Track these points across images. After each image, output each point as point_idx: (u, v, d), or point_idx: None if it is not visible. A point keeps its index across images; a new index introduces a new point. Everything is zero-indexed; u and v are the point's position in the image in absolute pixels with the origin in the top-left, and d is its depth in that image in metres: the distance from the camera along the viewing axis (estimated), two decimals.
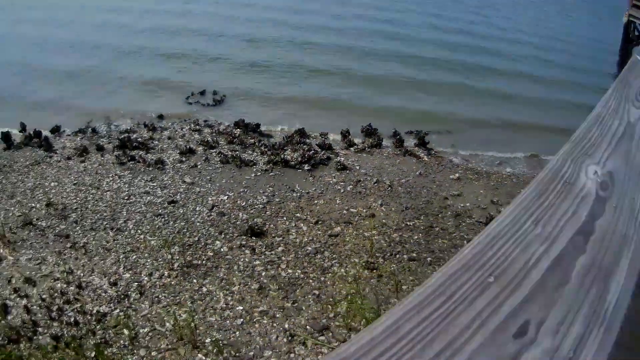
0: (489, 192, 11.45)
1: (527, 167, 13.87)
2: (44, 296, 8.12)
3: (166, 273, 8.68)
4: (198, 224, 10.09)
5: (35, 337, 7.35)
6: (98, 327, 7.55)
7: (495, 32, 31.87)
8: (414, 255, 9.06)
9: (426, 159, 12.87)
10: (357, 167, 12.36)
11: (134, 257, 9.12)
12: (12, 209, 10.56)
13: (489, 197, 11.24)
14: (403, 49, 24.04)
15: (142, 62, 21.29)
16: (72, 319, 7.66)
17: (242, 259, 9.08)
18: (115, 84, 18.69)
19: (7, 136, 13.99)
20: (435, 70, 21.71)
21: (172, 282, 8.48)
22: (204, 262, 9.00)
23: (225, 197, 11.01)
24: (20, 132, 14.82)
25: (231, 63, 21.62)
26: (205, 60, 21.83)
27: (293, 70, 20.86)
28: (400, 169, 12.24)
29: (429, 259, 9.01)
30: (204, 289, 8.34)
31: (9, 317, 7.72)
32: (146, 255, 9.16)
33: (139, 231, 9.85)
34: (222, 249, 9.35)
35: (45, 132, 14.57)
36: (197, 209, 10.59)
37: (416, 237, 9.61)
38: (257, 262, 9.03)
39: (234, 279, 8.59)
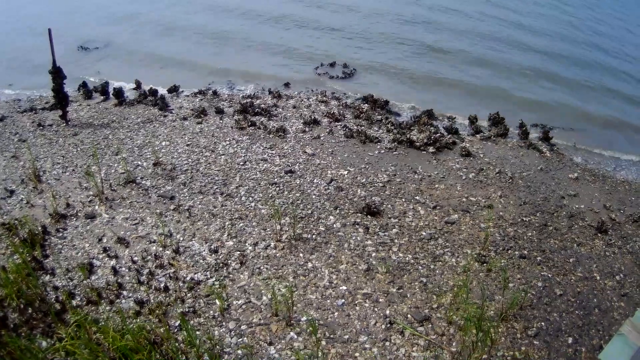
0: (603, 196, 10.68)
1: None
2: (135, 258, 7.69)
3: (272, 244, 8.14)
4: (314, 196, 9.53)
5: (117, 301, 6.88)
6: (189, 295, 7.02)
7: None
8: (525, 252, 8.48)
9: (548, 155, 12.22)
10: (481, 155, 11.75)
11: (241, 224, 8.61)
12: (116, 165, 10.30)
13: (603, 201, 10.47)
14: (536, 41, 22.18)
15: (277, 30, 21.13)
16: (162, 285, 7.15)
17: (354, 237, 8.46)
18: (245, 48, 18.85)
19: (119, 92, 13.90)
20: (571, 65, 19.92)
21: (277, 254, 7.92)
22: (314, 236, 8.41)
23: (346, 172, 10.42)
24: (134, 89, 14.76)
25: (366, 37, 20.92)
26: (338, 33, 21.34)
27: (426, 50, 19.90)
28: (523, 162, 11.64)
29: (538, 258, 8.39)
30: (310, 265, 7.74)
31: (93, 278, 7.31)
32: (254, 224, 8.63)
33: (250, 199, 9.35)
34: (335, 225, 8.74)
35: (162, 91, 14.45)
36: (315, 181, 10.04)
37: (530, 233, 9.03)
38: (369, 242, 8.39)
39: (343, 257, 7.96)
